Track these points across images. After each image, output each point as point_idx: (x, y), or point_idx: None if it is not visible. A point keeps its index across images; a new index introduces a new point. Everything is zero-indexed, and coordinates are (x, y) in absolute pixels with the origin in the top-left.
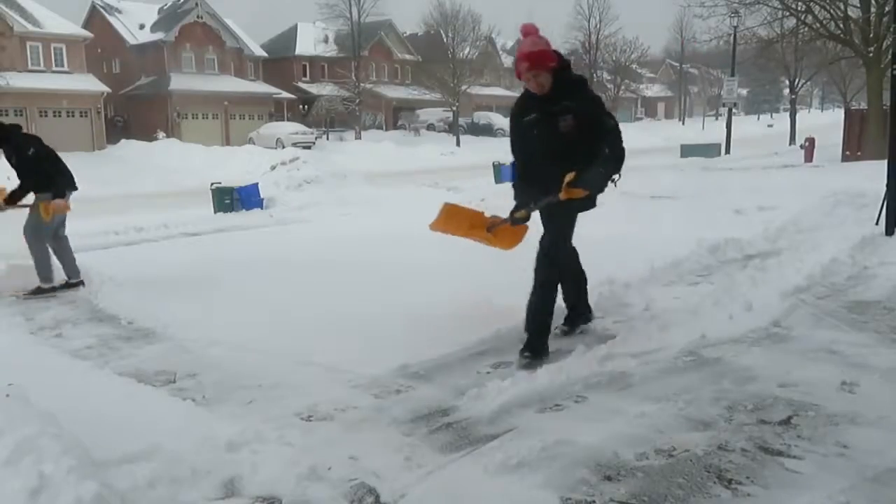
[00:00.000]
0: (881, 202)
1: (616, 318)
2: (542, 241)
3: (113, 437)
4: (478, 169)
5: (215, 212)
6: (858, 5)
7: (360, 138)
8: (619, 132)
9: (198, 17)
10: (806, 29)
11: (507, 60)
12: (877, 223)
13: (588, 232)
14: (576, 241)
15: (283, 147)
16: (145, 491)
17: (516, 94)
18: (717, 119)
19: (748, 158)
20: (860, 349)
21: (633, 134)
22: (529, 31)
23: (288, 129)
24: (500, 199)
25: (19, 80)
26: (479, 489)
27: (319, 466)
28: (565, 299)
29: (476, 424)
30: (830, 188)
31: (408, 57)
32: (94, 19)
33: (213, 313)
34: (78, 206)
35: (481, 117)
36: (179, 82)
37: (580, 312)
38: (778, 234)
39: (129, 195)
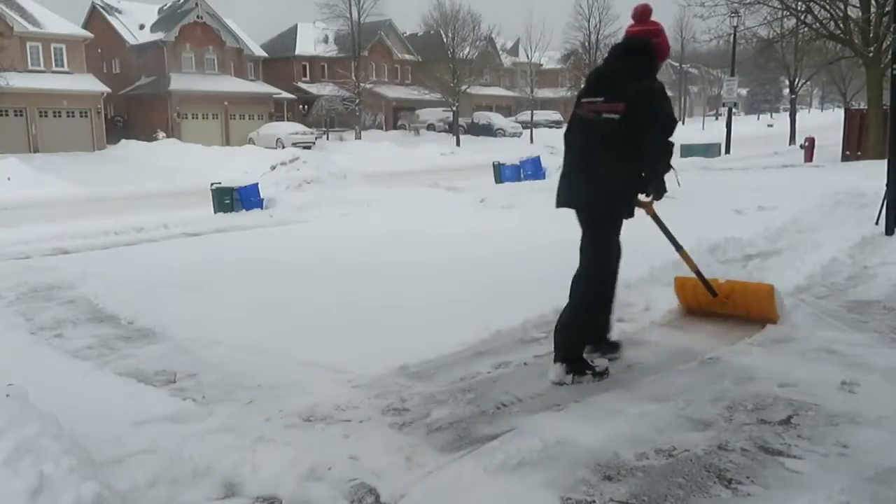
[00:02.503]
0: (881, 202)
1: (616, 318)
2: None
3: (113, 437)
4: (478, 169)
5: (215, 212)
6: (858, 5)
7: (360, 138)
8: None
9: (198, 17)
10: (806, 29)
11: (507, 60)
12: (877, 223)
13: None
14: (572, 240)
15: (283, 147)
16: (145, 491)
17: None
18: (717, 119)
19: (748, 158)
20: (860, 349)
21: None
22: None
23: (288, 129)
24: (500, 199)
25: (19, 81)
26: (479, 489)
27: (319, 466)
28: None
29: (476, 424)
30: (830, 188)
31: (408, 57)
32: (94, 19)
33: (213, 313)
34: (79, 206)
35: (481, 117)
36: (179, 82)
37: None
38: (778, 234)
39: (129, 195)
